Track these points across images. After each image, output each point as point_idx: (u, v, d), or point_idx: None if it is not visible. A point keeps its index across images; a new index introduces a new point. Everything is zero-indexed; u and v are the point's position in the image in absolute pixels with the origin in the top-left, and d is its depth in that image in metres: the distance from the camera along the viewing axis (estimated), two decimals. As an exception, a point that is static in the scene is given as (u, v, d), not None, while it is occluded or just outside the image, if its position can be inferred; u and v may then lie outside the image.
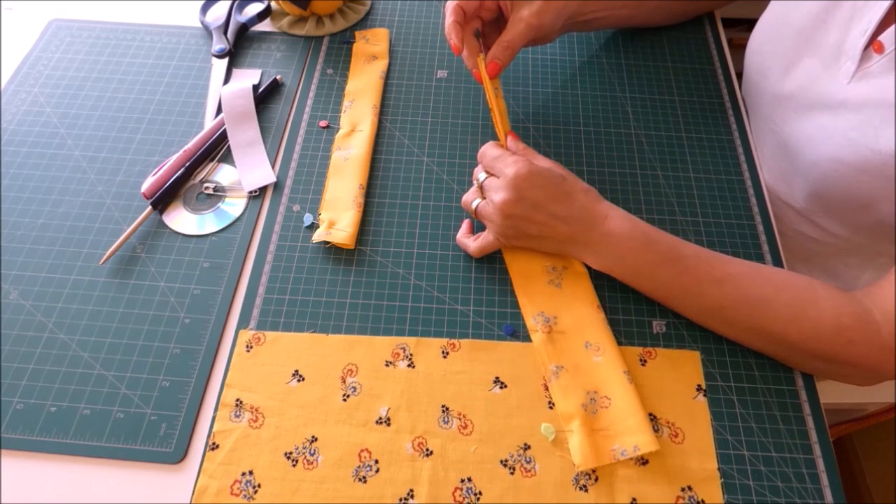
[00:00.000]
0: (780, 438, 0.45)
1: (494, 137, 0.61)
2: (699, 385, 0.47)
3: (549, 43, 0.61)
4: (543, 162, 0.52)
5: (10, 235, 0.54)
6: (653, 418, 0.45)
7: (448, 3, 0.55)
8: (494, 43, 0.55)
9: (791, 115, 0.56)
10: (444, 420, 0.45)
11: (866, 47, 0.49)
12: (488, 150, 0.52)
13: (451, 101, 0.65)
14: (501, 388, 0.47)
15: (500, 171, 0.49)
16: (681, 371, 0.47)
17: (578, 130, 0.62)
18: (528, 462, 0.44)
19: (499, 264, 0.53)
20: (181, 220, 0.55)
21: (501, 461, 0.44)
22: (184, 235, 0.54)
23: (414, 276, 0.52)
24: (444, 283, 0.52)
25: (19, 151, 0.60)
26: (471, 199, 0.52)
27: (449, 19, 0.54)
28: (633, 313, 0.51)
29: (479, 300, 0.51)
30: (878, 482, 0.92)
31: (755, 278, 0.47)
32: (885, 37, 0.47)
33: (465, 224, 0.55)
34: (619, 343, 0.49)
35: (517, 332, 0.49)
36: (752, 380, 0.47)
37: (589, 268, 0.51)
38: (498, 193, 0.48)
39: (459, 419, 0.45)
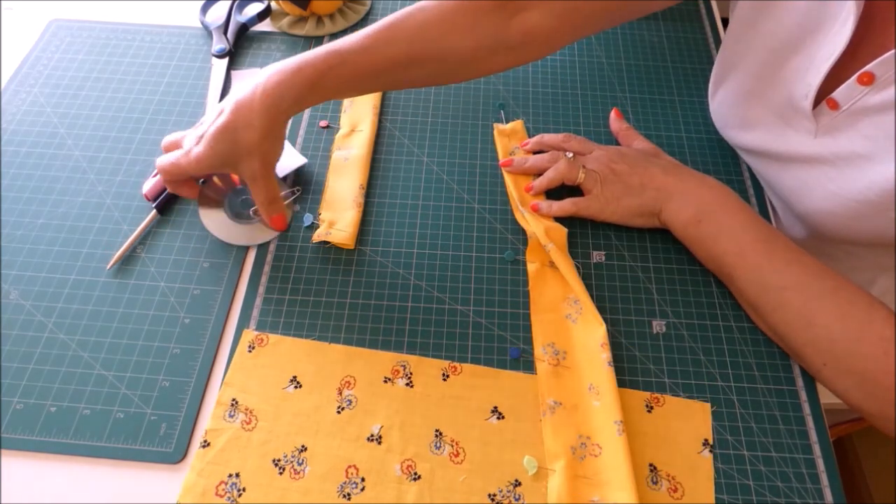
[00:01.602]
0: (780, 438, 0.45)
1: (491, 137, 0.62)
2: (706, 440, 0.45)
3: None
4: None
5: (10, 235, 0.54)
6: (652, 469, 0.43)
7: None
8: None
9: (767, 167, 0.56)
10: (436, 445, 0.44)
11: (815, 106, 0.48)
12: (568, 135, 0.58)
13: (451, 101, 0.65)
14: (499, 418, 0.45)
15: (596, 146, 0.57)
16: (688, 422, 0.45)
17: (578, 130, 0.62)
18: (517, 499, 0.42)
19: (498, 265, 0.53)
20: (223, 227, 0.54)
21: (489, 495, 0.42)
22: (218, 239, 0.54)
23: (414, 276, 0.52)
24: (444, 283, 0.52)
25: (19, 151, 0.60)
26: (575, 165, 0.54)
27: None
28: (633, 313, 0.51)
29: (480, 300, 0.51)
30: (878, 482, 0.92)
31: (827, 270, 0.46)
32: (840, 94, 0.46)
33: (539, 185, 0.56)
34: (623, 377, 0.48)
35: (522, 357, 0.48)
36: (752, 380, 0.47)
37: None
38: (603, 156, 0.55)
39: (452, 446, 0.44)
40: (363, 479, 0.43)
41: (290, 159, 0.58)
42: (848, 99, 0.46)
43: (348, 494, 0.42)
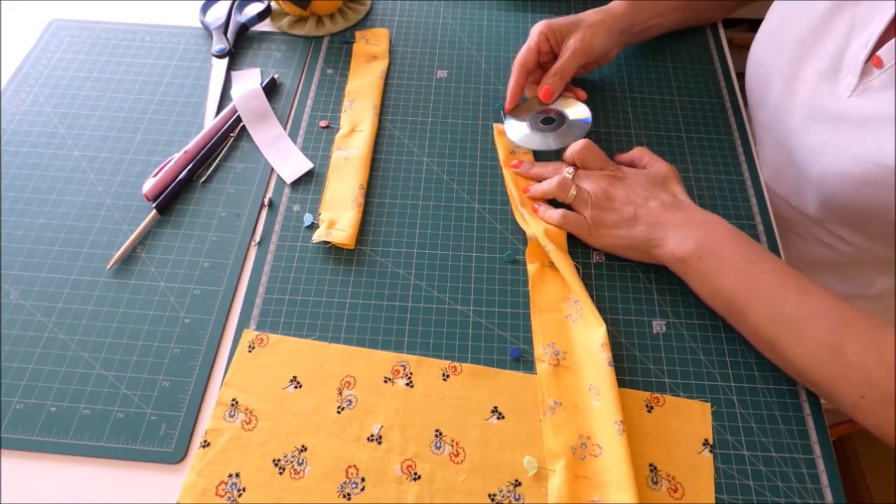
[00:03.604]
0: (780, 438, 0.45)
1: (491, 137, 0.62)
2: (706, 440, 0.44)
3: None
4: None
5: (10, 235, 0.54)
6: (652, 469, 0.43)
7: (515, 62, 0.60)
8: (546, 73, 0.59)
9: (793, 127, 0.55)
10: (436, 445, 0.44)
11: (867, 61, 0.48)
12: (584, 145, 0.55)
13: (451, 101, 0.65)
14: (499, 418, 0.45)
15: (603, 164, 0.55)
16: (688, 422, 0.45)
17: (578, 130, 0.62)
18: (517, 499, 0.42)
19: (498, 265, 0.53)
20: (523, 135, 0.60)
21: (489, 495, 0.42)
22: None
23: (414, 276, 0.52)
24: (444, 283, 0.52)
25: (19, 151, 0.60)
26: (567, 185, 0.53)
27: (513, 80, 0.59)
28: (633, 313, 0.51)
29: (480, 300, 0.51)
30: (878, 482, 0.92)
31: (842, 300, 0.44)
32: (884, 52, 0.47)
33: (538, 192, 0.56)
34: (623, 377, 0.47)
35: (522, 357, 0.48)
36: (752, 380, 0.47)
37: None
38: (603, 179, 0.53)
39: (452, 446, 0.44)
40: (363, 479, 0.43)
41: (297, 165, 0.58)
42: (892, 57, 0.46)
43: (348, 494, 0.42)
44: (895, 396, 0.39)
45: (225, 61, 0.67)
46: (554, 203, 0.55)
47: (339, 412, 0.45)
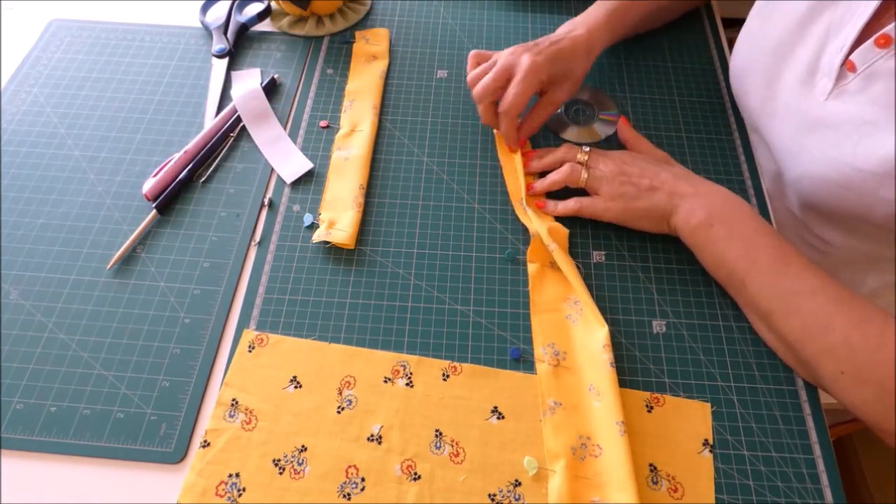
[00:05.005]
0: (780, 438, 0.45)
1: (491, 137, 0.62)
2: (706, 440, 0.45)
3: None
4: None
5: (10, 235, 0.54)
6: (652, 469, 0.43)
7: (504, 109, 0.55)
8: (524, 123, 0.58)
9: (773, 131, 0.56)
10: (436, 445, 0.44)
11: (842, 65, 0.48)
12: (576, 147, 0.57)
13: (451, 101, 0.65)
14: (499, 418, 0.45)
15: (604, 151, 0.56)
16: (688, 422, 0.45)
17: (578, 130, 0.62)
18: (517, 499, 0.42)
19: (498, 265, 0.53)
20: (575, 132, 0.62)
21: (489, 495, 0.42)
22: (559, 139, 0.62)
23: (414, 276, 0.52)
24: (444, 283, 0.52)
25: (19, 151, 0.60)
26: (577, 170, 0.54)
27: (507, 127, 0.57)
28: (633, 313, 0.51)
29: (480, 300, 0.51)
30: (878, 482, 0.92)
31: (838, 282, 0.45)
32: (857, 56, 0.47)
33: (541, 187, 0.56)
34: (623, 377, 0.47)
35: (522, 357, 0.48)
36: (752, 380, 0.47)
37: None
38: (614, 156, 0.54)
39: (452, 446, 0.44)
40: (363, 479, 0.43)
41: (297, 165, 0.58)
42: (864, 61, 0.46)
43: (348, 494, 0.42)
44: (872, 376, 0.41)
45: (225, 61, 0.67)
46: (557, 195, 0.55)
47: (339, 412, 0.45)
